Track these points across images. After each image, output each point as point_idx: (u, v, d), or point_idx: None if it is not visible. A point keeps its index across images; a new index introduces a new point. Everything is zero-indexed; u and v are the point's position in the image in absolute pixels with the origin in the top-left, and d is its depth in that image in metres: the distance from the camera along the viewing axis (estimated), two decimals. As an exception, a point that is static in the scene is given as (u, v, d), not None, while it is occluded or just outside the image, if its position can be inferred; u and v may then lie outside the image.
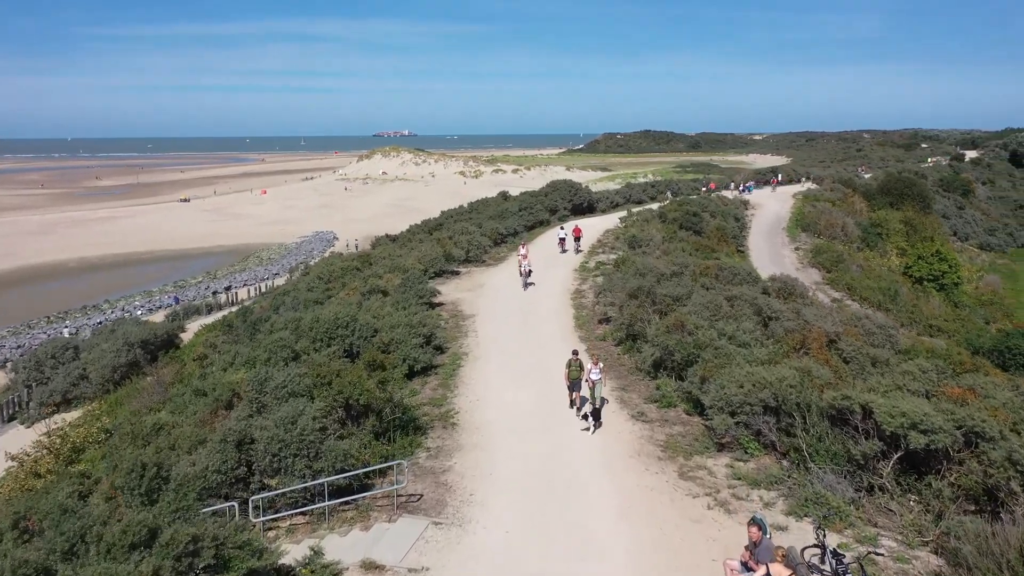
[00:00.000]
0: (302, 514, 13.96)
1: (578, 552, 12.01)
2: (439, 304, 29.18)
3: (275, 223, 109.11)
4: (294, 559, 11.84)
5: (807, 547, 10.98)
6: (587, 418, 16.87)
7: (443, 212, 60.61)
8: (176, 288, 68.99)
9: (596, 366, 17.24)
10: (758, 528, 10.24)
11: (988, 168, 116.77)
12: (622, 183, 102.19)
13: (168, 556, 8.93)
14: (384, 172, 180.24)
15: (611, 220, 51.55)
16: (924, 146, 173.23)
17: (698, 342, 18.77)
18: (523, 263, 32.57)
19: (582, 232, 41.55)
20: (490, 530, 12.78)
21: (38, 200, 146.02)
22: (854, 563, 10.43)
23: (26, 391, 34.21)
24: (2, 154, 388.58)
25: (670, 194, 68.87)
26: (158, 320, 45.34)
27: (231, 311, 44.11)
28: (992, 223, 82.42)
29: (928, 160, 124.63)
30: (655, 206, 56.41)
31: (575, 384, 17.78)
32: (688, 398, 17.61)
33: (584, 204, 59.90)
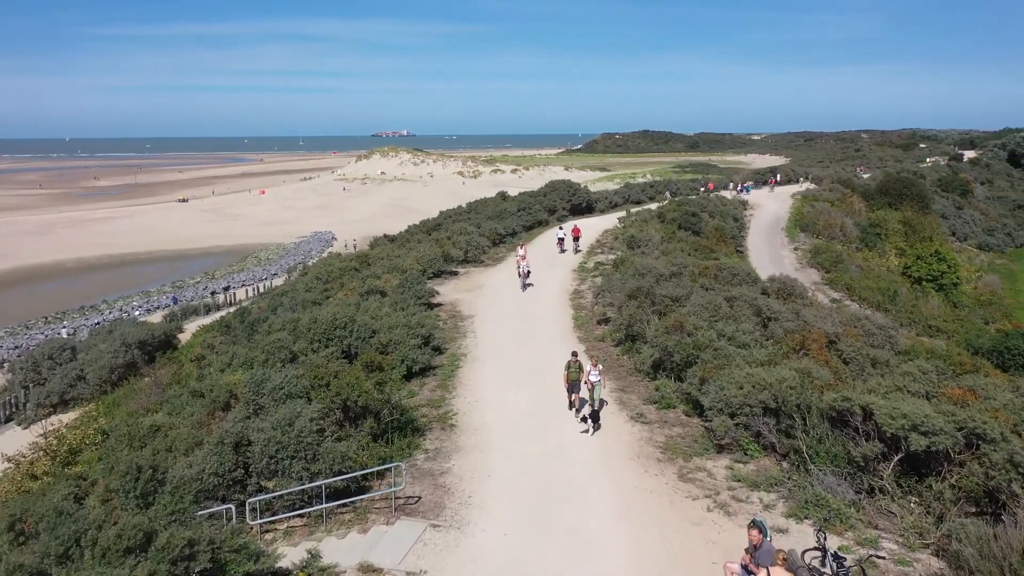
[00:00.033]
0: (300, 516, 13.88)
1: (577, 555, 11.94)
2: (437, 305, 29.10)
3: (273, 223, 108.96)
4: (291, 562, 11.77)
5: (808, 550, 10.91)
6: (586, 420, 16.75)
7: (441, 212, 60.54)
8: (174, 288, 68.85)
9: (595, 367, 17.13)
10: (759, 531, 10.16)
11: (986, 168, 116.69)
12: (621, 183, 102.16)
13: (164, 560, 8.85)
14: (382, 172, 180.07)
15: (610, 220, 51.49)
16: (922, 146, 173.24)
17: (697, 343, 18.69)
18: (521, 264, 32.15)
19: (581, 232, 41.53)
20: (489, 533, 12.71)
21: (36, 200, 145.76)
22: (855, 566, 10.37)
23: (23, 392, 34.11)
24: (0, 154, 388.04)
25: (669, 194, 68.84)
26: (156, 321, 45.24)
27: (229, 311, 44.03)
28: (991, 223, 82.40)
29: (926, 160, 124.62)
30: (654, 206, 56.36)
31: (574, 386, 17.61)
32: (687, 399, 17.52)
33: (583, 204, 59.84)
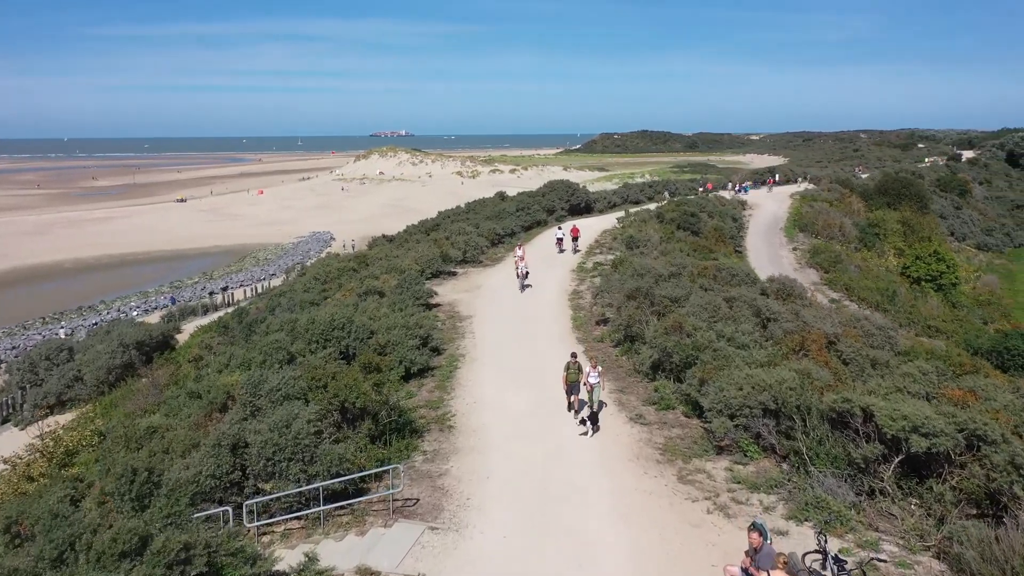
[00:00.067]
0: (297, 519, 13.79)
1: (576, 557, 11.86)
2: (436, 305, 29.02)
3: (272, 223, 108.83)
4: (289, 565, 11.67)
5: (808, 552, 10.84)
6: (584, 423, 16.60)
7: (440, 212, 60.43)
8: (172, 289, 68.75)
9: (595, 369, 17.05)
10: (759, 534, 10.08)
11: (985, 168, 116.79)
12: (619, 183, 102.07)
13: (159, 564, 8.77)
14: (381, 172, 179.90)
15: (608, 220, 51.46)
16: (921, 146, 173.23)
17: (697, 344, 18.62)
18: (520, 265, 31.77)
19: (580, 232, 41.49)
20: (487, 535, 12.63)
21: (34, 200, 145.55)
22: (856, 569, 10.30)
23: (20, 393, 33.99)
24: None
25: (667, 194, 68.78)
26: (154, 321, 45.15)
27: (227, 312, 43.93)
28: (989, 223, 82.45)
29: (925, 160, 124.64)
30: (653, 206, 56.36)
31: (573, 387, 17.48)
32: (687, 400, 17.44)
33: (581, 204, 59.78)
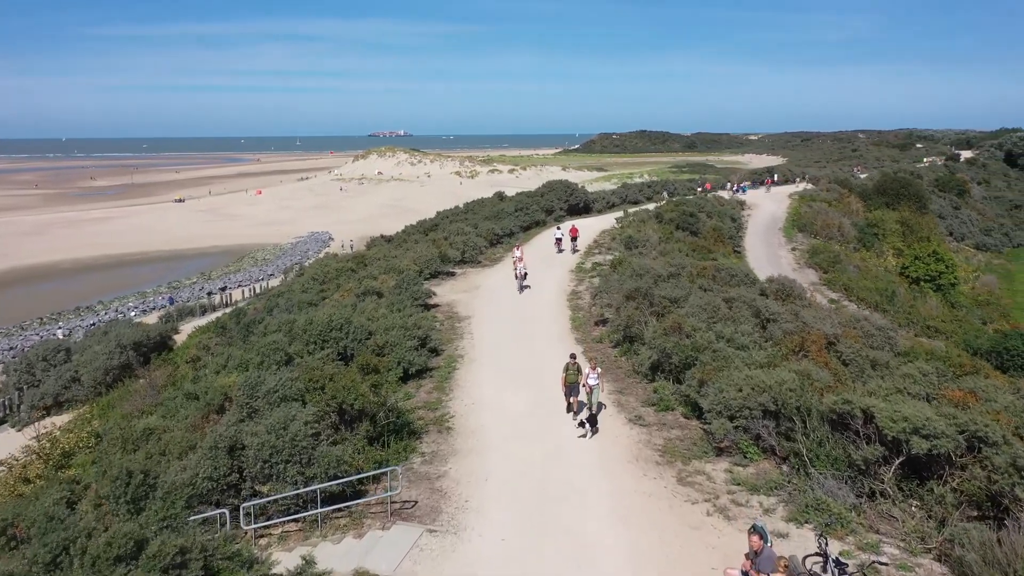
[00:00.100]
0: (295, 521, 13.71)
1: (575, 560, 11.80)
2: (434, 306, 28.93)
3: (270, 223, 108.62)
4: (286, 568, 11.60)
5: (809, 555, 10.76)
6: (583, 425, 16.46)
7: (439, 212, 60.32)
8: (170, 289, 68.58)
9: (594, 370, 16.97)
10: (759, 537, 10.01)
11: (983, 168, 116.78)
12: (618, 183, 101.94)
13: (155, 569, 8.69)
14: (380, 172, 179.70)
15: (607, 220, 51.36)
16: (919, 146, 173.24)
17: (696, 345, 18.55)
18: (518, 266, 31.45)
19: (579, 232, 41.43)
20: (486, 537, 12.56)
21: (32, 200, 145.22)
22: (857, 572, 10.23)
23: (17, 394, 33.85)
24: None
25: (666, 194, 68.68)
26: (152, 321, 45.03)
27: (225, 312, 43.81)
28: (988, 223, 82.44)
29: (923, 160, 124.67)
30: (651, 206, 56.28)
31: (572, 388, 17.36)
32: (686, 401, 17.37)
33: (580, 204, 59.68)
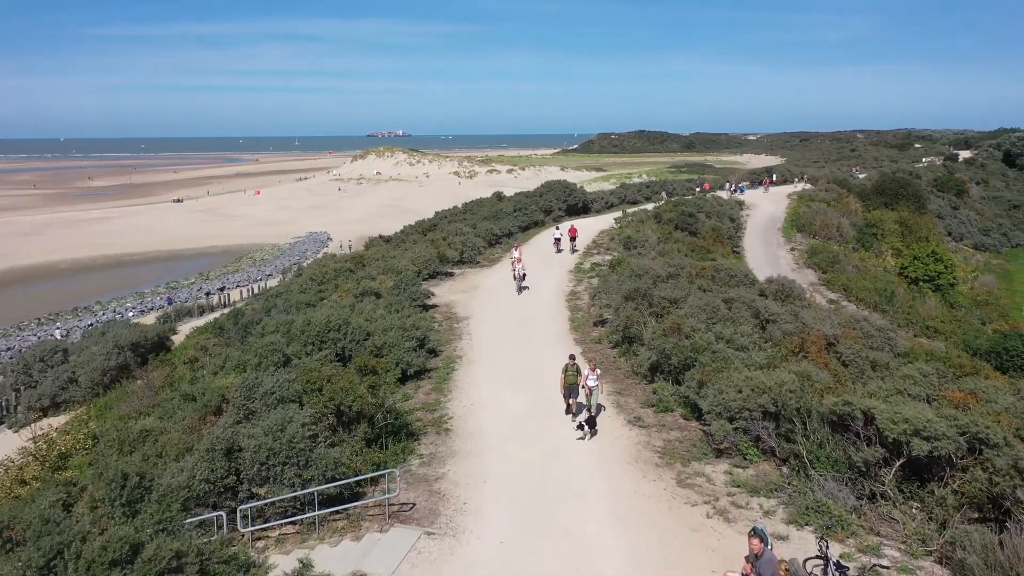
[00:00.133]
0: (292, 524, 13.61)
1: (574, 562, 11.72)
2: (433, 306, 28.85)
3: (268, 224, 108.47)
4: (283, 572, 11.52)
5: (809, 558, 10.70)
6: (582, 427, 16.29)
7: (437, 213, 60.22)
8: (168, 289, 68.45)
9: (593, 372, 16.88)
10: (760, 540, 9.93)
11: (982, 168, 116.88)
12: (617, 183, 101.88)
13: (150, 573, 8.61)
14: (378, 172, 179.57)
15: (606, 221, 51.27)
16: (918, 146, 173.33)
17: (695, 345, 18.48)
18: (516, 267, 31.12)
19: (578, 232, 41.37)
20: (484, 540, 12.47)
21: (30, 201, 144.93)
22: (858, 575, 10.18)
23: (14, 395, 33.75)
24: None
25: (665, 194, 68.62)
26: (150, 322, 44.91)
27: (223, 313, 43.70)
28: (986, 223, 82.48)
29: (922, 160, 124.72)
30: (650, 207, 56.19)
31: (572, 390, 17.20)
32: (686, 403, 17.29)
33: (579, 204, 59.61)
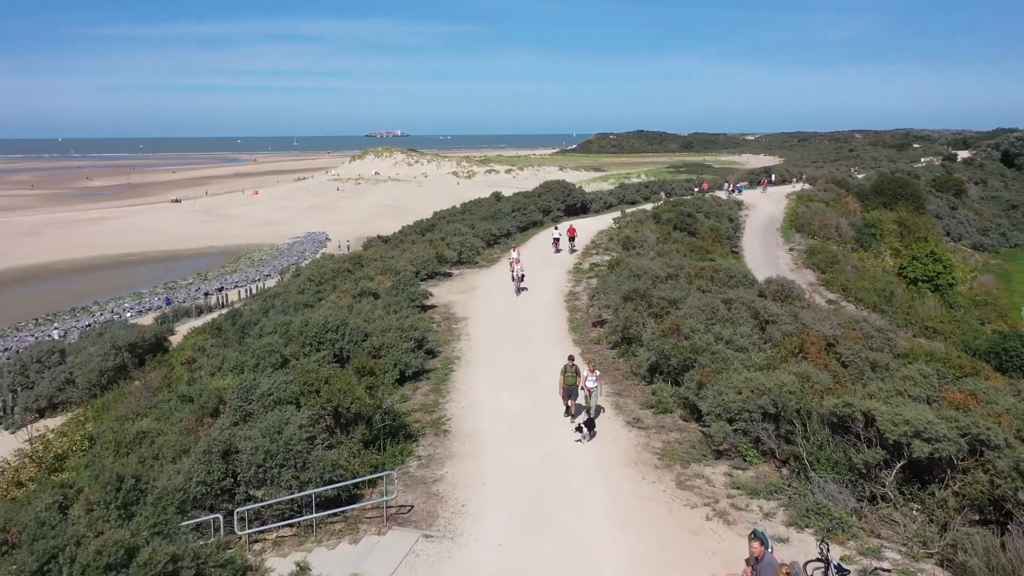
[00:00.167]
0: (289, 526, 13.52)
1: (574, 565, 11.65)
2: (431, 307, 28.78)
3: (267, 224, 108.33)
4: (280, 575, 11.44)
5: (810, 561, 10.64)
6: (581, 430, 16.14)
7: (436, 213, 60.18)
8: (167, 289, 68.33)
9: (592, 373, 16.78)
10: (760, 543, 9.85)
11: (980, 168, 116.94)
12: (615, 183, 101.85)
13: (145, 577, 8.52)
14: (377, 172, 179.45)
15: (605, 221, 51.22)
16: (916, 146, 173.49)
17: (694, 346, 18.41)
18: (515, 268, 31.02)
19: (577, 232, 41.33)
20: (483, 543, 12.39)
21: (28, 201, 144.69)
22: (859, 578, 10.12)
23: (11, 396, 33.62)
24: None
25: (664, 195, 68.60)
26: (148, 322, 44.75)
27: (221, 313, 43.59)
28: (985, 223, 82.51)
29: (921, 160, 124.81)
30: (649, 207, 56.14)
31: (571, 391, 17.06)
32: (685, 404, 17.22)
33: (577, 205, 59.57)
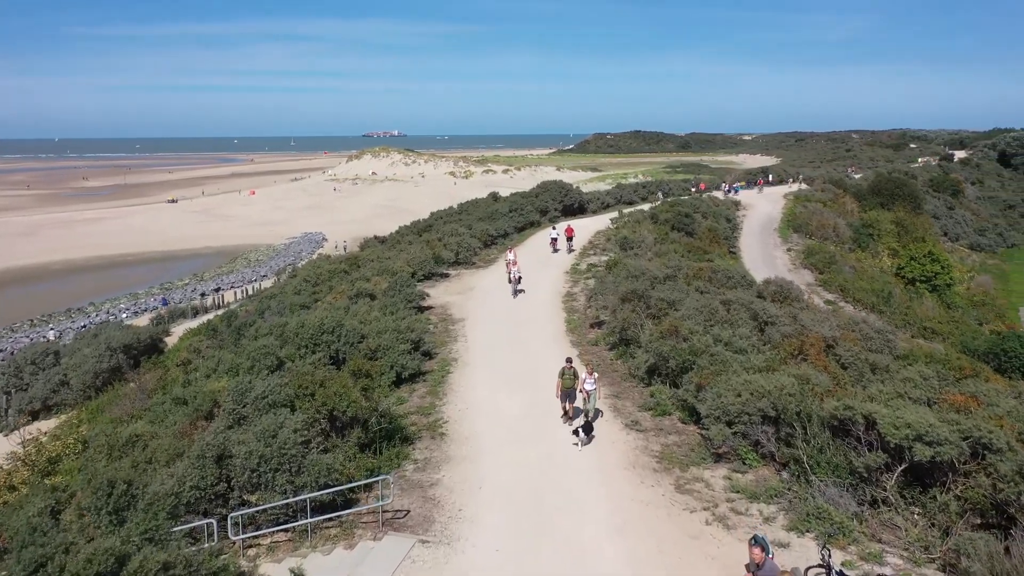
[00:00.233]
0: (284, 531, 13.35)
1: (572, 570, 11.51)
2: (428, 308, 28.62)
3: (263, 224, 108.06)
4: (274, 581, 11.28)
5: (811, 567, 10.48)
6: (578, 433, 15.90)
7: (433, 213, 60.00)
8: (163, 290, 68.08)
9: (591, 375, 16.63)
10: (761, 549, 9.70)
11: (977, 168, 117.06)
12: (613, 183, 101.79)
13: (135, 586, 8.35)
14: (374, 172, 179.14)
15: (602, 221, 51.07)
16: (913, 146, 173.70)
17: (693, 348, 18.27)
18: (512, 270, 30.73)
19: (574, 232, 41.20)
20: (479, 548, 12.24)
21: (24, 201, 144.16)
22: (861, 584, 9.98)
23: (4, 398, 33.40)
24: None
25: (661, 195, 68.49)
26: (143, 323, 44.49)
27: (217, 314, 43.35)
28: (982, 223, 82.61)
29: (918, 160, 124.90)
30: (646, 207, 56.01)
31: (569, 394, 16.86)
32: (684, 406, 17.08)
33: (575, 205, 59.42)
